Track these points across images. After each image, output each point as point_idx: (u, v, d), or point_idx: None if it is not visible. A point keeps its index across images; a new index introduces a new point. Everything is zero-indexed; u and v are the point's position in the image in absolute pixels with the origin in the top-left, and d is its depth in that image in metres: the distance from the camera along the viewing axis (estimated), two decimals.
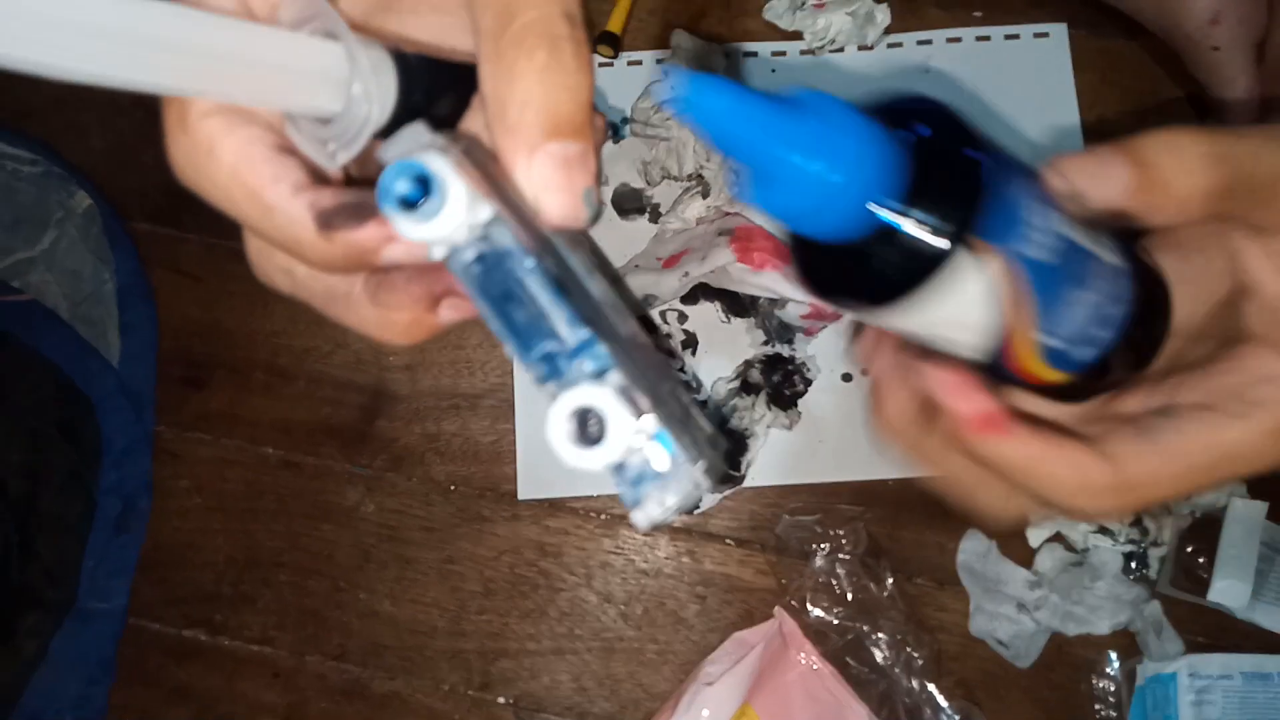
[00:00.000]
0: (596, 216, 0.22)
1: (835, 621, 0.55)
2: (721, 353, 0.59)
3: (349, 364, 0.60)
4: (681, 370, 0.59)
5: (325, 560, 0.58)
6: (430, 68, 0.23)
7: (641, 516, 0.20)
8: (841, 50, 0.62)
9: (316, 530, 0.58)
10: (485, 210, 0.19)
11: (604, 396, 0.19)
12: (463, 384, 0.60)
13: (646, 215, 0.61)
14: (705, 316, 0.59)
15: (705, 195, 0.58)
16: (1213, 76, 0.55)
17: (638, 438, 0.19)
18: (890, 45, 0.63)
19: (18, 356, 0.60)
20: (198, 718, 0.57)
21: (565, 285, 0.20)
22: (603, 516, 0.58)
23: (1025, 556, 0.57)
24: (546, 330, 0.20)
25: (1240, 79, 0.54)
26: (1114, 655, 0.56)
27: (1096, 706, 0.56)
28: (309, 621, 0.57)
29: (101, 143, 0.63)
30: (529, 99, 0.20)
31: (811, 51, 0.63)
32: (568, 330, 0.20)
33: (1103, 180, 0.24)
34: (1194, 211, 0.24)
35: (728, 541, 0.58)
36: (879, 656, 0.54)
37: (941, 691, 0.54)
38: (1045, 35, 0.63)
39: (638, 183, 0.61)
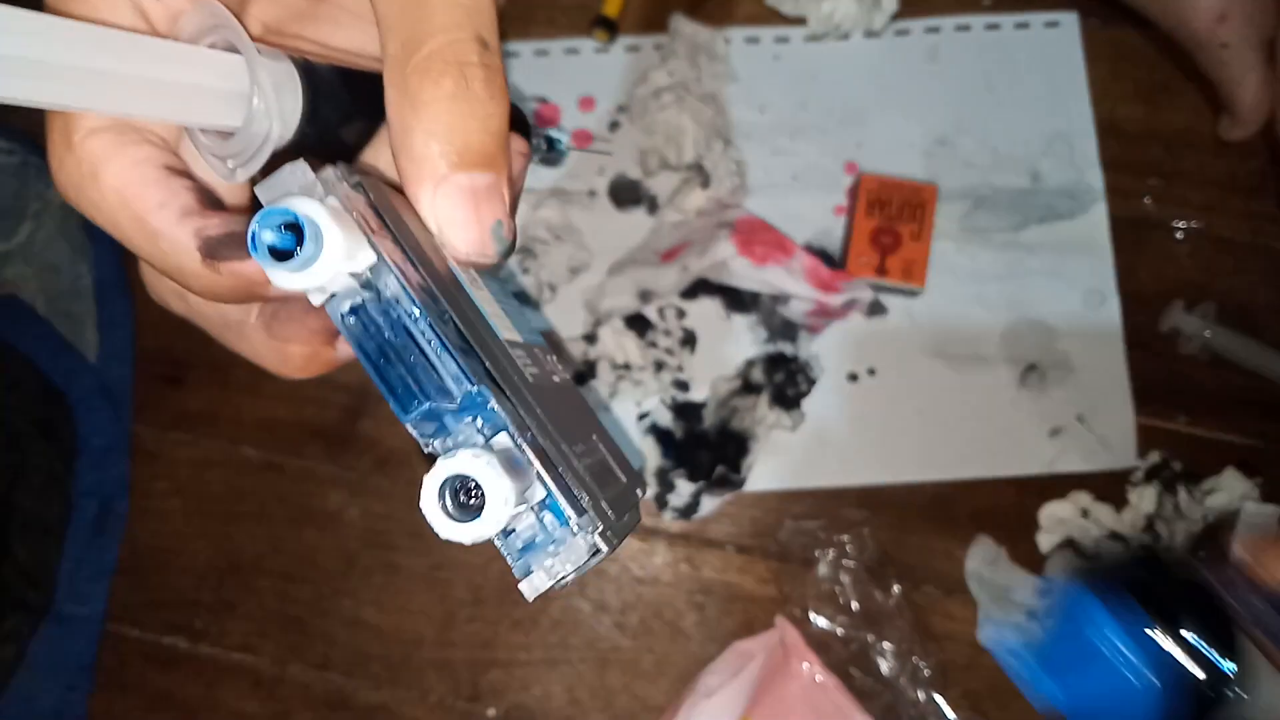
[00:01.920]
0: (509, 251, 0.21)
1: (839, 631, 0.53)
2: (722, 351, 0.57)
3: None
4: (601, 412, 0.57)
5: (308, 566, 0.56)
6: (345, 80, 0.22)
7: (528, 588, 0.19)
8: (847, 37, 0.60)
9: (299, 534, 0.56)
10: (367, 256, 0.18)
11: (484, 465, 0.17)
12: None
13: (644, 207, 0.59)
14: (705, 313, 0.57)
15: (705, 186, 0.56)
16: (1222, 74, 0.54)
17: (521, 507, 0.18)
18: (897, 32, 0.61)
19: None
20: None
21: (462, 334, 0.19)
22: None
23: (1035, 563, 0.55)
24: (431, 385, 0.18)
25: (1250, 76, 0.53)
26: None
27: None
28: (292, 629, 0.55)
29: None
30: (434, 129, 0.19)
31: (816, 38, 0.60)
32: (455, 385, 0.18)
33: None
34: None
35: (727, 548, 0.56)
36: (884, 667, 0.52)
37: (948, 703, 0.53)
38: (1056, 24, 0.61)
39: (635, 173, 0.59)
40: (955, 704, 0.53)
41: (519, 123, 0.34)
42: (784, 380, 0.56)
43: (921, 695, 0.52)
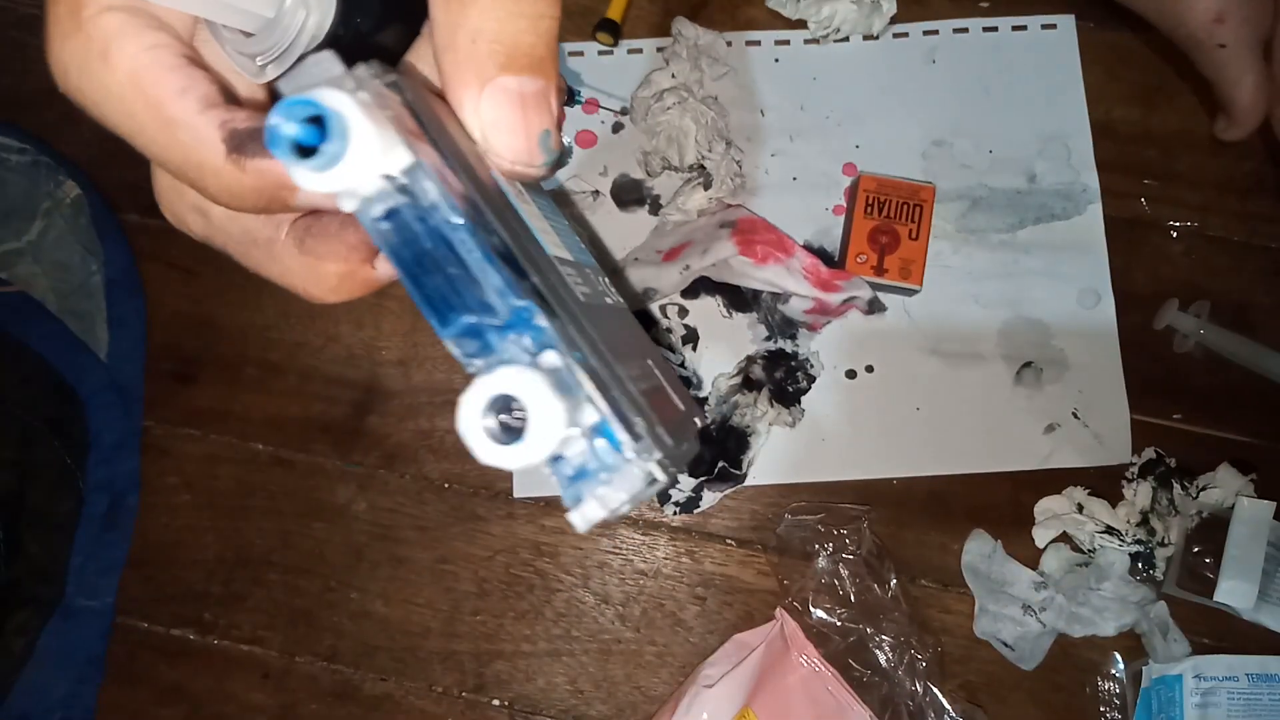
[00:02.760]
0: (559, 164, 0.20)
1: (838, 623, 0.54)
2: (723, 348, 0.58)
3: (341, 359, 0.59)
4: (666, 346, 0.57)
5: (316, 559, 0.57)
6: None
7: (579, 518, 0.17)
8: (846, 40, 0.61)
9: (308, 528, 0.57)
10: (401, 157, 0.16)
11: (529, 382, 0.16)
12: (457, 380, 0.58)
13: (646, 207, 0.59)
14: (706, 311, 0.58)
15: (707, 187, 0.57)
16: (1220, 74, 0.54)
17: (572, 430, 0.16)
18: (896, 35, 0.62)
19: (7, 351, 0.59)
20: (187, 718, 0.56)
21: (507, 246, 0.17)
22: None
23: (1031, 557, 0.56)
24: (474, 299, 0.17)
25: (1247, 76, 0.53)
26: (1119, 657, 0.55)
27: (1102, 709, 0.55)
28: (300, 621, 0.56)
29: (92, 134, 0.62)
30: (482, 27, 0.18)
31: (816, 41, 0.61)
32: (499, 300, 0.17)
33: None
34: None
35: (728, 541, 0.57)
36: (882, 659, 0.53)
37: (945, 694, 0.53)
38: (1053, 26, 0.62)
39: (638, 173, 0.60)
40: (952, 695, 0.54)
41: None
42: (784, 377, 0.57)
43: (919, 687, 0.53)
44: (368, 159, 0.16)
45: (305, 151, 0.16)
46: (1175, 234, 0.60)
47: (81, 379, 0.60)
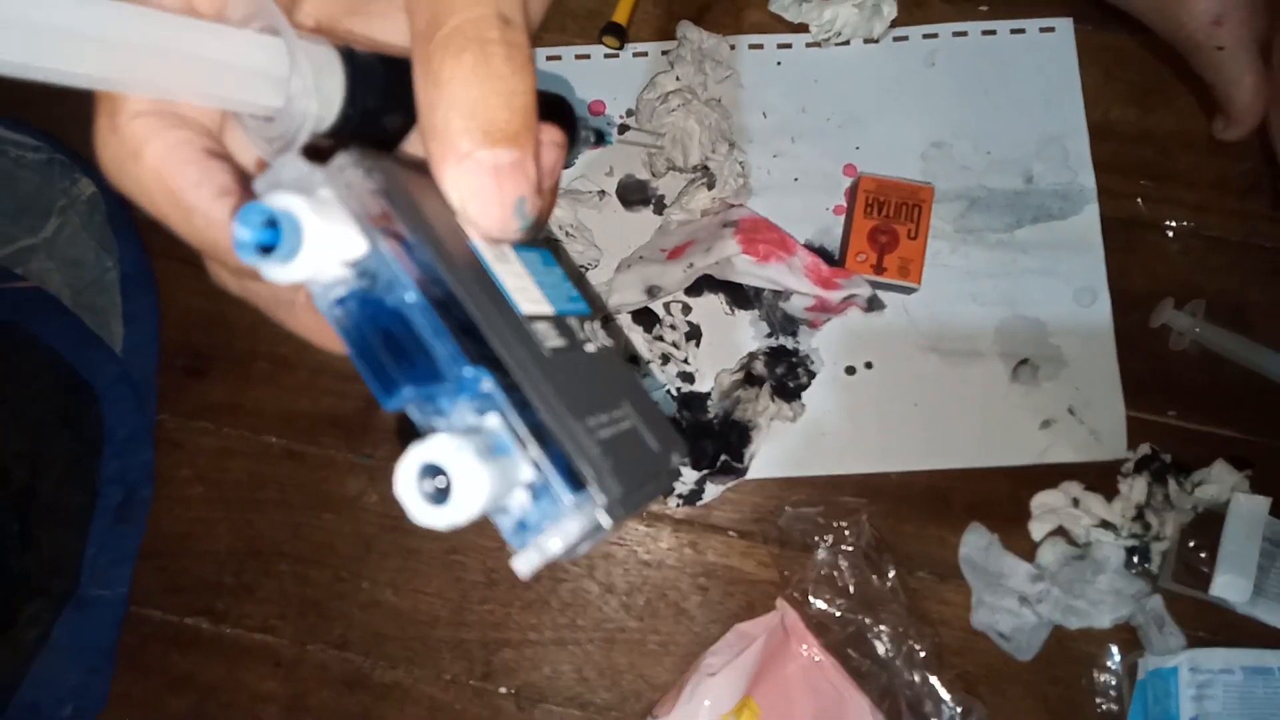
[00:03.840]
0: (536, 227, 0.21)
1: (837, 614, 0.55)
2: (725, 345, 0.59)
3: None
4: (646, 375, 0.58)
5: (327, 550, 0.58)
6: (389, 70, 0.22)
7: (520, 564, 0.18)
8: (847, 43, 0.62)
9: (318, 520, 0.58)
10: (359, 245, 0.18)
11: (453, 451, 0.17)
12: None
13: (651, 207, 0.61)
14: (709, 308, 0.59)
15: (710, 187, 0.58)
16: (1219, 76, 0.55)
17: (511, 489, 0.18)
18: (896, 39, 0.63)
19: (21, 345, 0.60)
20: (199, 707, 0.57)
21: (467, 315, 0.18)
22: None
23: (1027, 550, 0.57)
24: (427, 369, 0.18)
25: (1246, 78, 0.54)
26: (1115, 649, 0.56)
27: (1097, 700, 0.56)
28: (311, 611, 0.57)
29: None
30: (455, 105, 0.19)
31: (817, 44, 0.62)
32: (450, 368, 0.18)
33: None
34: None
35: (730, 533, 0.58)
36: (881, 649, 0.54)
37: (943, 684, 0.54)
38: (1051, 30, 0.63)
39: (642, 174, 0.61)
40: (949, 685, 0.55)
41: (563, 113, 0.34)
42: (785, 373, 0.58)
43: (917, 677, 0.54)
44: (323, 251, 0.18)
45: (268, 249, 0.18)
46: (1172, 233, 0.61)
47: (96, 373, 0.61)
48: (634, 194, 0.61)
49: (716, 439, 0.57)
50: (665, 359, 0.58)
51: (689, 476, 0.57)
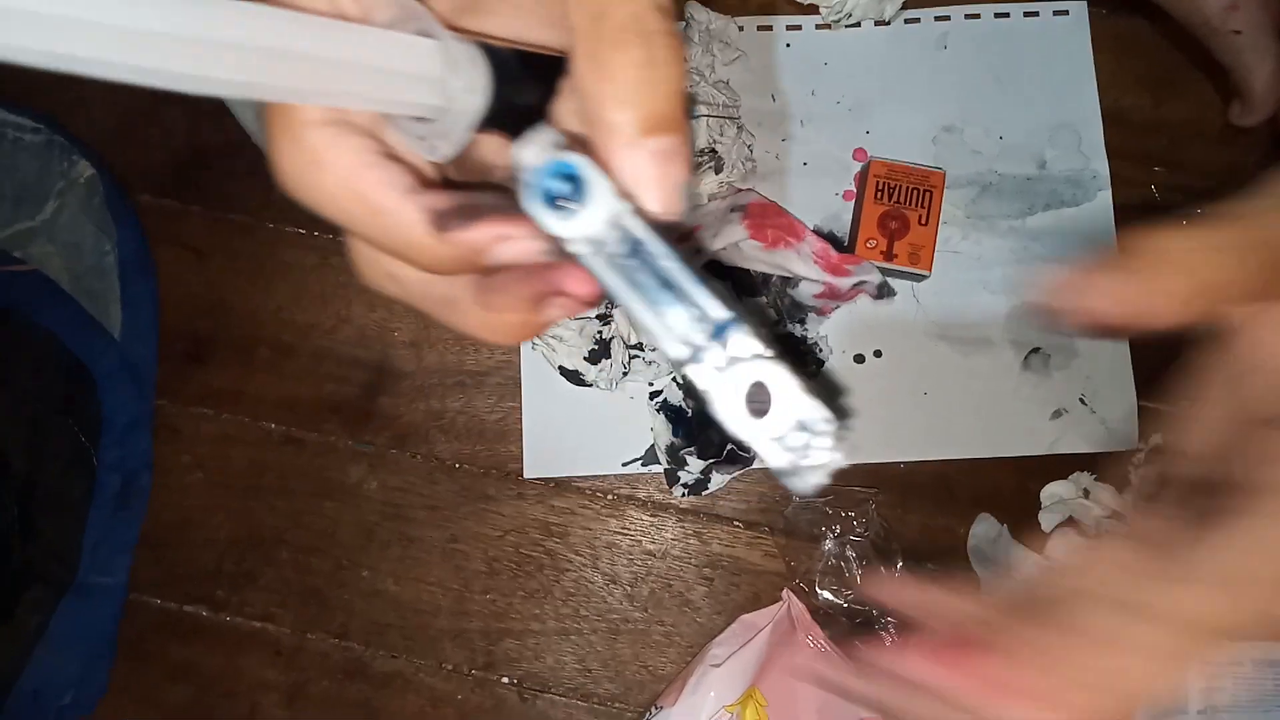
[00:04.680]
0: (694, 207, 0.22)
1: (844, 605, 0.54)
2: None
3: (353, 340, 0.59)
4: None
5: (328, 538, 0.57)
6: (517, 60, 0.24)
7: (802, 483, 0.20)
8: (858, 25, 0.61)
9: (319, 508, 0.58)
10: (622, 204, 0.20)
11: (773, 370, 0.19)
12: (468, 361, 0.59)
13: None
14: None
15: (718, 171, 0.57)
16: (1236, 60, 0.54)
17: (801, 407, 0.20)
18: (907, 21, 0.62)
19: (21, 329, 0.60)
20: (199, 695, 0.57)
21: (695, 271, 0.20)
22: (609, 497, 0.57)
23: (1037, 541, 0.56)
24: (694, 313, 0.20)
25: (1264, 62, 0.53)
26: None
27: None
28: (311, 600, 0.57)
29: (105, 116, 0.62)
30: (625, 98, 0.21)
31: (827, 26, 0.61)
32: (711, 313, 0.20)
33: (1103, 296, 0.22)
34: (1196, 311, 0.22)
35: (736, 523, 0.57)
36: (887, 641, 0.54)
37: None
38: (1065, 13, 0.62)
39: None
40: None
41: None
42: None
43: None
44: (605, 207, 0.20)
45: (553, 203, 0.20)
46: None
47: (95, 359, 0.60)
48: None
49: (722, 428, 0.56)
50: None
51: (695, 466, 0.56)
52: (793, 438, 0.20)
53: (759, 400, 0.19)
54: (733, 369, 0.19)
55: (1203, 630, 0.21)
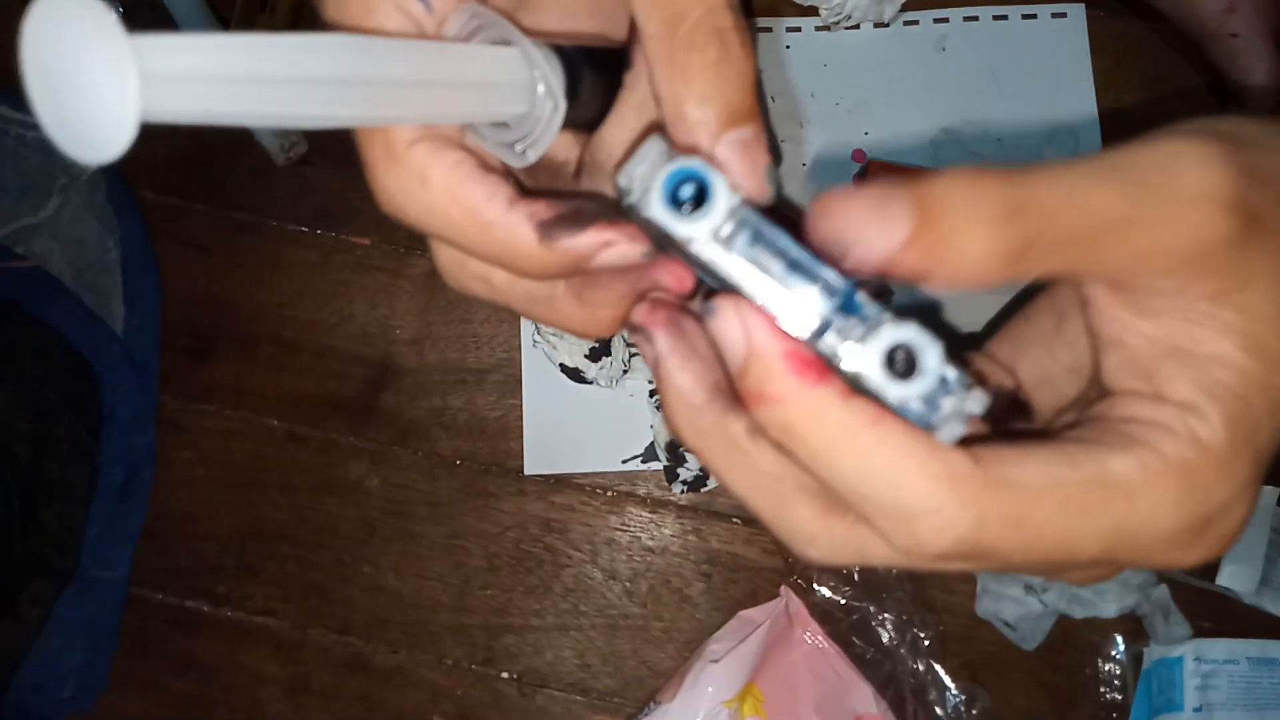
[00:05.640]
0: (779, 189, 0.23)
1: (841, 601, 0.55)
2: None
3: (355, 337, 0.60)
4: None
5: (329, 534, 0.58)
6: (583, 57, 0.24)
7: (951, 435, 0.20)
8: (857, 27, 0.62)
9: (321, 503, 0.58)
10: (734, 196, 0.21)
11: (913, 332, 0.20)
12: (469, 359, 0.59)
13: None
14: None
15: None
16: (1233, 64, 0.54)
17: (942, 363, 0.20)
18: (906, 23, 0.62)
19: (24, 324, 0.60)
20: (200, 688, 0.57)
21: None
22: (609, 493, 0.58)
23: None
24: (822, 287, 0.20)
25: (1261, 65, 0.54)
26: (1120, 638, 0.56)
27: (1101, 689, 0.56)
28: (312, 594, 0.57)
29: None
30: (705, 95, 0.22)
31: (827, 28, 0.62)
32: (837, 284, 0.20)
33: (876, 229, 0.19)
34: (989, 276, 0.19)
35: (734, 520, 0.57)
36: (885, 637, 0.54)
37: (947, 672, 0.54)
38: (1063, 15, 0.62)
39: None
40: (954, 674, 0.54)
41: None
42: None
43: (921, 665, 0.54)
44: (721, 202, 0.20)
45: (677, 205, 0.20)
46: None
47: (97, 353, 0.61)
48: None
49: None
50: None
51: (694, 463, 0.56)
52: (939, 393, 0.20)
53: (900, 362, 0.20)
54: (871, 336, 0.20)
55: None
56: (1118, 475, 0.20)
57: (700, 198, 0.20)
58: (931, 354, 0.20)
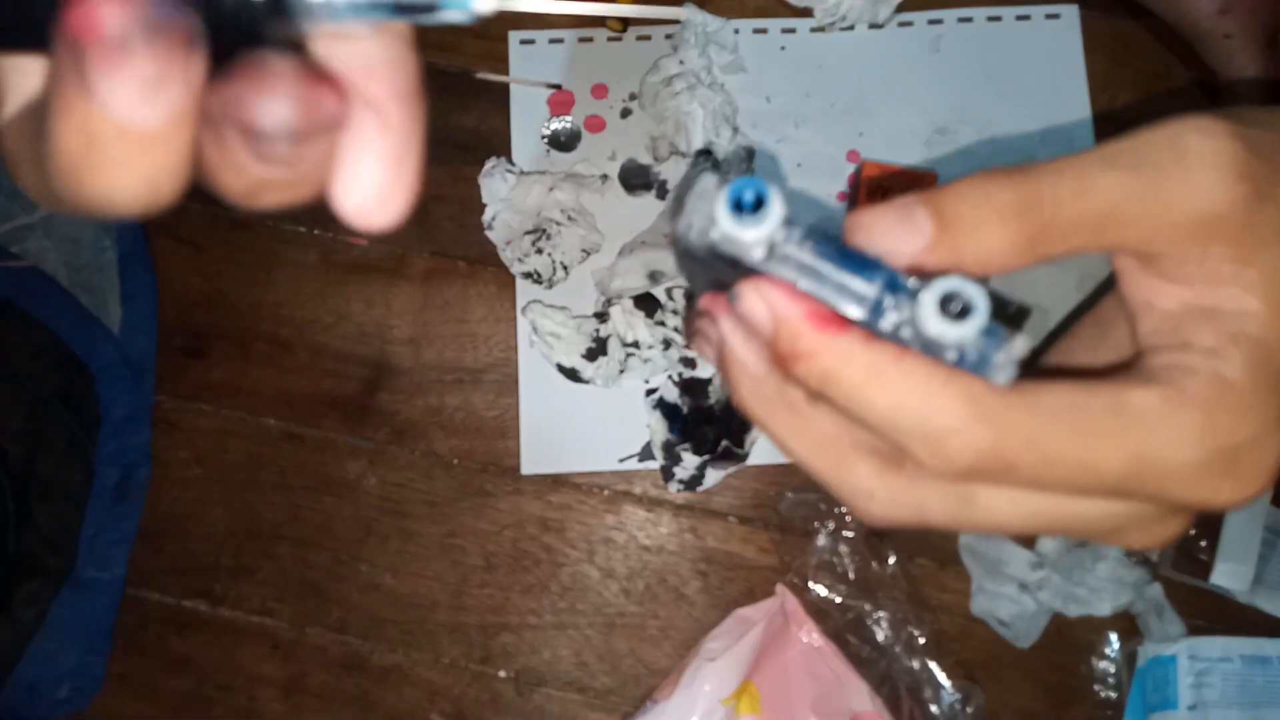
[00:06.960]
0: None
1: (837, 600, 0.55)
2: None
3: (351, 336, 0.60)
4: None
5: (326, 533, 0.58)
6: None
7: (1005, 377, 0.21)
8: (852, 28, 0.62)
9: (317, 503, 0.58)
10: (784, 209, 0.22)
11: (960, 281, 0.21)
12: (466, 358, 0.59)
13: (654, 191, 0.60)
14: None
15: (715, 170, 0.58)
16: (1226, 64, 0.55)
17: (987, 319, 0.21)
18: (901, 24, 0.62)
19: (18, 324, 0.60)
20: (197, 688, 0.57)
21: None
22: (605, 492, 0.58)
23: (1029, 538, 0.57)
24: (869, 272, 0.21)
25: (1253, 66, 0.54)
26: (1114, 637, 0.56)
27: (1096, 687, 0.56)
28: (309, 594, 0.57)
29: None
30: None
31: (822, 29, 0.62)
32: (882, 269, 0.21)
33: (902, 237, 0.22)
34: (1010, 263, 0.22)
35: (730, 519, 0.57)
36: (880, 635, 0.54)
37: (942, 670, 0.54)
38: (1057, 16, 0.63)
39: (645, 158, 0.61)
40: (949, 671, 0.55)
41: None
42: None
43: (916, 663, 0.54)
44: (779, 213, 0.21)
45: (740, 212, 0.22)
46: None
47: (93, 353, 0.60)
48: (636, 178, 0.61)
49: (718, 424, 0.57)
50: (667, 344, 0.58)
51: (690, 462, 0.57)
52: (989, 344, 0.21)
53: (955, 305, 0.20)
54: (925, 289, 0.21)
55: None
56: (1137, 405, 0.21)
57: (757, 204, 0.21)
58: (979, 296, 0.20)
